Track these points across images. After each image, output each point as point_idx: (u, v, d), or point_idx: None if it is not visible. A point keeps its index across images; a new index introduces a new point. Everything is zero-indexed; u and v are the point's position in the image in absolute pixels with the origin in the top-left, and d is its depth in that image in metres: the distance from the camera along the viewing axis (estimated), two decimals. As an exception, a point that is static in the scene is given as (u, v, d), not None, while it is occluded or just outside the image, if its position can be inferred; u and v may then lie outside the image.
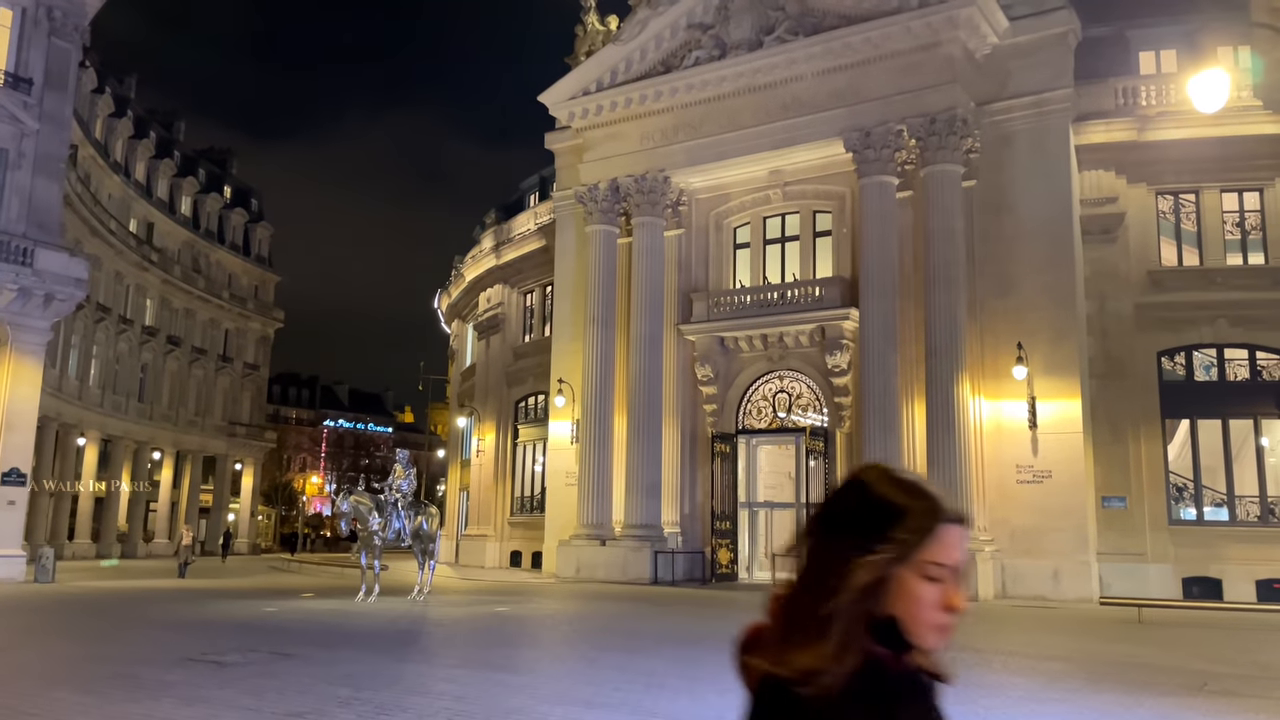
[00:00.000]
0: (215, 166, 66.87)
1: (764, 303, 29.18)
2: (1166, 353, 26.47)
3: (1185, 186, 26.85)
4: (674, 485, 30.10)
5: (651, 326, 29.98)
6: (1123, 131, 26.74)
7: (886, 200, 26.83)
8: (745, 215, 31.05)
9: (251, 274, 68.47)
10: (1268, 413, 25.76)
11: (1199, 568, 25.09)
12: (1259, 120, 25.80)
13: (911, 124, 26.38)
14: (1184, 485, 26.13)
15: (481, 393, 41.15)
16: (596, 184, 31.30)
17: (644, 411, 29.54)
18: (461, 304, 46.28)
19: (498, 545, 38.43)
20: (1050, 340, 25.48)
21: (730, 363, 30.16)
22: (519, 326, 39.87)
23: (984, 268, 26.42)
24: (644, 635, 14.81)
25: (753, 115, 29.00)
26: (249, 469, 67.98)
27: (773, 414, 29.88)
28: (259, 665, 10.66)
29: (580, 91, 31.89)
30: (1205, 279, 26.28)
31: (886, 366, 26.02)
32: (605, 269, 31.06)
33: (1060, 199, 26.09)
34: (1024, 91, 26.68)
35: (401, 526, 18.77)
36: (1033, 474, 25.44)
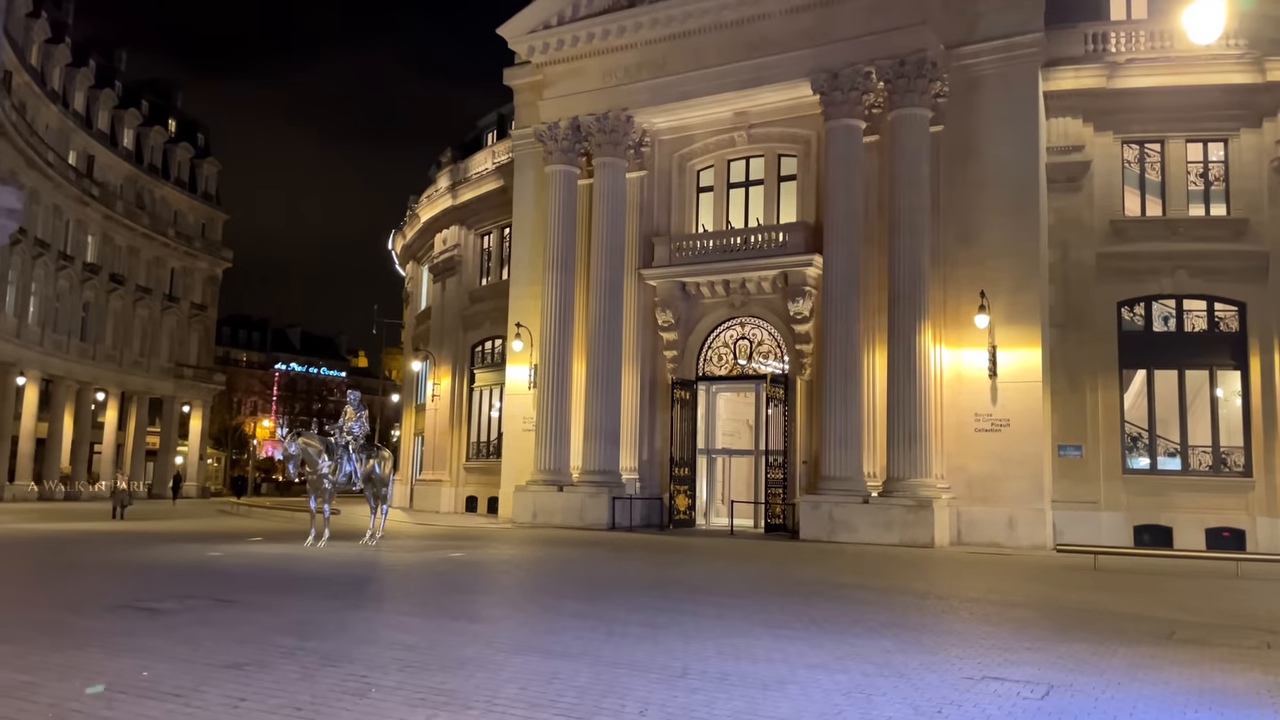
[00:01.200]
0: (159, 99, 64.30)
1: (727, 248, 28.68)
2: (1126, 303, 26.48)
3: (1151, 136, 26.65)
4: (633, 431, 29.78)
5: (612, 271, 29.38)
6: (1091, 78, 26.40)
7: (853, 144, 26.33)
8: (709, 158, 30.38)
9: (198, 211, 66.39)
10: (1223, 364, 25.94)
11: (1150, 516, 25.38)
12: (1227, 69, 25.60)
13: (880, 66, 25.81)
14: (1138, 435, 26.32)
15: (437, 336, 40.36)
16: (557, 122, 30.38)
17: (603, 357, 29.06)
18: (417, 246, 45.19)
19: (453, 490, 37.99)
20: (1012, 289, 25.37)
21: (692, 309, 29.71)
22: (476, 269, 39.00)
23: (948, 215, 26.14)
24: (603, 581, 14.49)
25: (719, 54, 28.20)
26: (197, 412, 66.57)
27: (733, 361, 29.56)
28: (197, 613, 10.13)
29: (541, 25, 30.79)
30: (1168, 229, 26.23)
31: (849, 314, 25.74)
32: (565, 211, 30.29)
33: (1027, 146, 25.80)
34: (994, 35, 26.19)
35: (353, 470, 18.19)
36: (991, 422, 25.47)
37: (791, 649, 8.54)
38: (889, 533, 23.92)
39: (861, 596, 13.01)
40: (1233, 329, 25.94)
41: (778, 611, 10.97)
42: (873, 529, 24.14)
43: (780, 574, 16.16)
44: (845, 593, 13.42)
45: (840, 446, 25.26)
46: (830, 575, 15.88)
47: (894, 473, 24.76)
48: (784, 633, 9.41)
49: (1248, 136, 25.83)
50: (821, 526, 24.80)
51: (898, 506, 24.13)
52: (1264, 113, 25.50)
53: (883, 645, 8.85)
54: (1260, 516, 24.70)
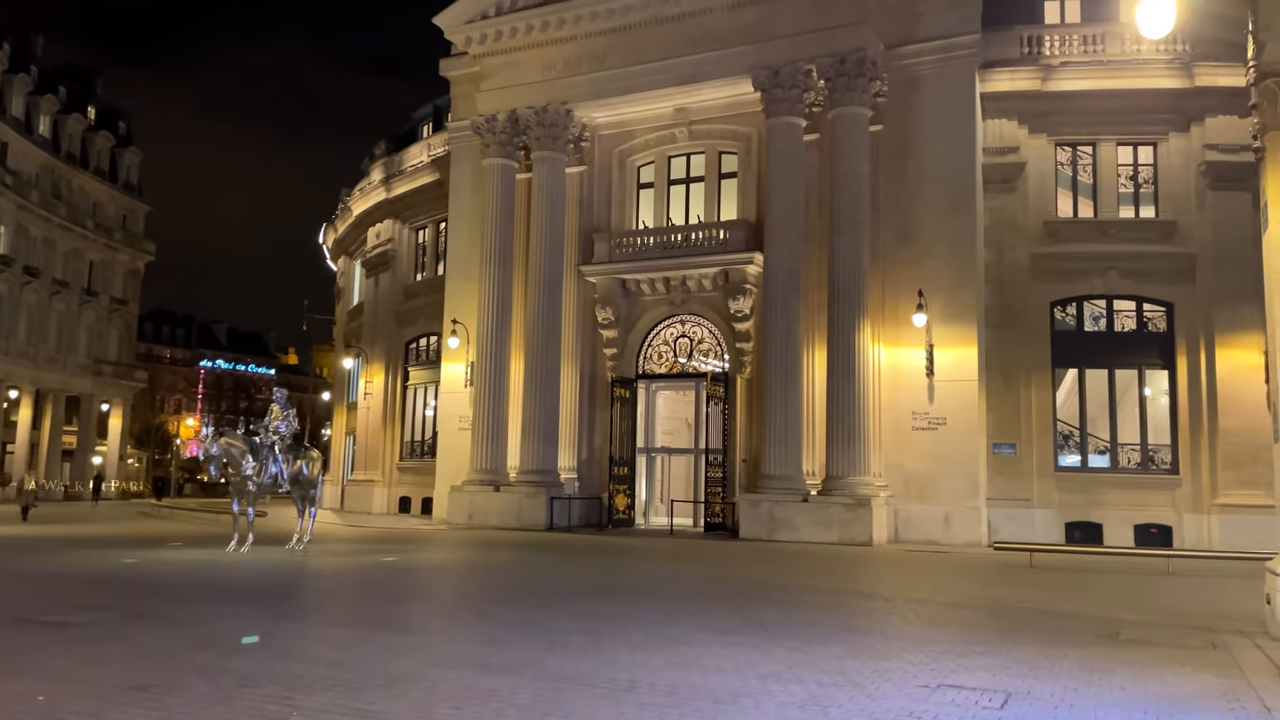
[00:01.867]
0: (78, 86, 61.77)
1: (667, 245, 28.40)
2: (1059, 303, 26.85)
3: (1084, 138, 27.07)
4: (571, 430, 29.33)
5: (551, 266, 28.89)
6: (1026, 80, 26.72)
7: (794, 142, 26.25)
8: (650, 154, 30.06)
9: (119, 202, 64.02)
10: (1151, 363, 26.46)
11: (1081, 513, 25.77)
12: (1157, 74, 26.11)
13: (821, 64, 25.77)
14: (1070, 433, 26.72)
15: (370, 333, 39.37)
16: (495, 115, 29.77)
17: (542, 354, 28.55)
18: (349, 240, 44.06)
19: (386, 491, 37.10)
20: (949, 288, 25.54)
21: (632, 306, 29.37)
22: (410, 264, 38.12)
23: (887, 214, 26.22)
24: (542, 587, 14.06)
25: (660, 48, 27.88)
26: (117, 410, 64.25)
27: (674, 359, 29.30)
28: (108, 626, 9.46)
29: (479, 15, 30.14)
30: (1099, 231, 26.66)
31: (789, 312, 25.65)
32: (503, 205, 29.70)
33: (964, 147, 26.00)
34: (933, 35, 26.33)
35: (279, 471, 17.41)
36: (928, 421, 25.62)
37: (742, 657, 8.23)
38: (828, 531, 23.88)
39: (808, 599, 12.79)
40: (1161, 329, 26.48)
41: (724, 616, 10.67)
42: (812, 527, 24.07)
43: (723, 575, 15.90)
44: (791, 595, 13.20)
45: (780, 445, 25.15)
46: (774, 576, 15.67)
47: (833, 471, 24.74)
48: (733, 640, 9.11)
49: (1176, 140, 26.38)
50: (761, 525, 24.67)
51: (837, 505, 24.11)
52: (1192, 117, 26.06)
53: (835, 652, 8.60)
54: (1186, 513, 25.24)
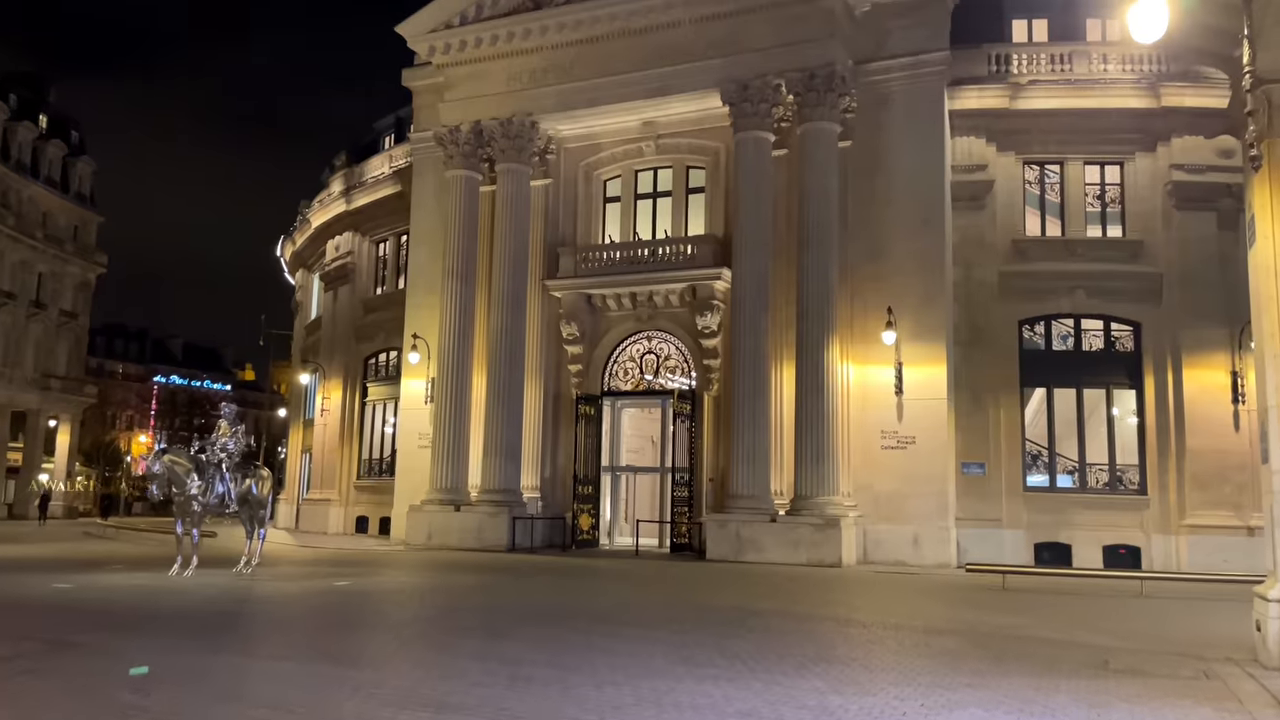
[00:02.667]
0: (30, 93, 60.11)
1: (634, 260, 27.92)
2: (1027, 321, 26.70)
3: (1051, 157, 27.04)
4: (535, 448, 28.66)
5: (515, 281, 28.26)
6: (994, 98, 26.65)
7: (762, 157, 25.93)
8: (616, 168, 29.61)
9: (70, 213, 62.31)
10: (1119, 383, 26.36)
11: (1050, 533, 25.54)
12: (1124, 94, 26.16)
13: (790, 78, 25.50)
14: (1038, 453, 26.52)
15: (328, 348, 38.43)
16: (458, 126, 29.16)
17: (505, 370, 27.87)
18: (307, 252, 43.12)
19: (342, 510, 36.10)
20: (918, 306, 25.29)
21: (597, 322, 28.81)
22: (370, 277, 37.30)
23: (856, 231, 25.95)
24: (504, 612, 13.39)
25: (627, 61, 27.47)
26: (65, 426, 62.32)
27: (640, 376, 28.76)
28: (28, 660, 8.67)
29: (443, 24, 29.55)
30: (1066, 250, 26.59)
31: (757, 328, 25.25)
32: (466, 218, 29.06)
33: (933, 164, 25.84)
34: (901, 52, 26.20)
35: (226, 491, 16.54)
36: (897, 440, 25.29)
37: (718, 692, 7.66)
38: (797, 552, 23.40)
39: (781, 625, 12.25)
40: (1128, 349, 26.41)
41: (696, 646, 10.09)
42: (780, 548, 23.58)
43: (692, 599, 15.33)
44: (764, 621, 12.65)
45: (748, 464, 24.67)
46: (744, 600, 15.12)
47: (802, 491, 24.29)
48: (707, 672, 8.53)
49: (1143, 160, 26.41)
50: (729, 546, 24.14)
51: (805, 525, 23.65)
52: (1158, 137, 26.11)
53: (815, 685, 8.06)
54: (1155, 534, 25.10)
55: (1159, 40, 24.66)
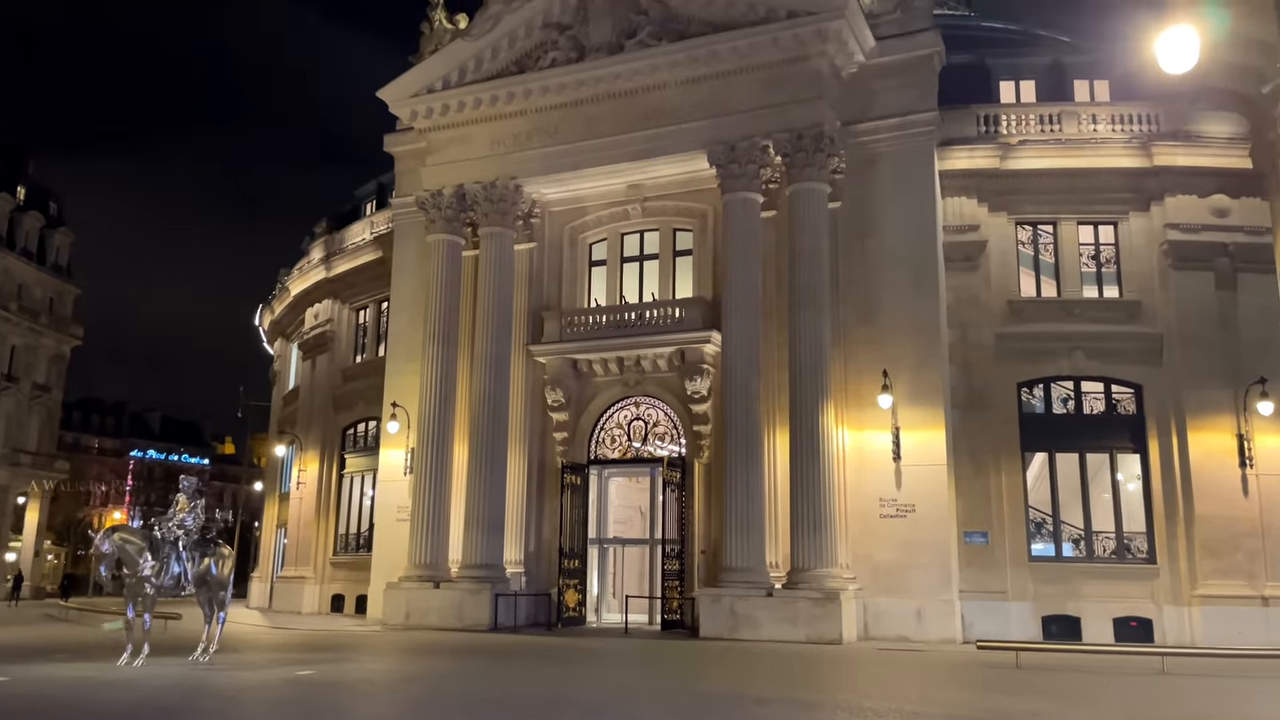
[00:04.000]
0: (9, 164, 59.59)
1: (620, 323, 27.14)
2: (1026, 384, 26.01)
3: (1044, 217, 26.65)
4: (518, 520, 27.45)
5: (498, 346, 27.38)
6: (985, 159, 26.33)
7: (751, 217, 25.37)
8: (602, 231, 29.02)
9: (46, 285, 61.35)
10: (1122, 447, 25.56)
11: (1058, 605, 24.48)
12: (1115, 153, 25.91)
13: (778, 139, 25.07)
14: (1042, 520, 25.57)
15: (305, 418, 37.28)
16: (441, 190, 28.57)
17: (488, 439, 26.81)
18: (286, 321, 42.22)
19: (317, 588, 34.57)
20: (913, 368, 24.51)
21: (583, 387, 27.89)
22: (349, 345, 36.36)
23: (848, 292, 25.30)
24: (484, 702, 12.17)
25: (612, 123, 27.05)
26: (35, 503, 60.49)
27: (628, 443, 27.74)
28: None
29: (425, 89, 29.16)
30: (1063, 310, 26.04)
31: (749, 393, 24.37)
32: (448, 282, 28.29)
33: (925, 224, 25.31)
34: (889, 113, 25.87)
35: (182, 571, 15.27)
36: (896, 508, 24.28)
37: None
38: (795, 628, 22.19)
39: (789, 715, 11.11)
40: (1130, 411, 25.70)
41: (697, 743, 8.96)
42: (777, 624, 22.37)
43: (689, 685, 14.13)
44: (769, 711, 11.50)
45: (741, 534, 23.57)
46: (744, 685, 13.94)
47: (798, 563, 23.17)
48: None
49: (1137, 220, 26.04)
50: (723, 623, 22.89)
51: (804, 599, 22.47)
52: (1152, 196, 25.79)
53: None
54: (1166, 604, 24.10)
55: (1154, 92, 24.41)
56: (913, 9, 26.24)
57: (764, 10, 25.41)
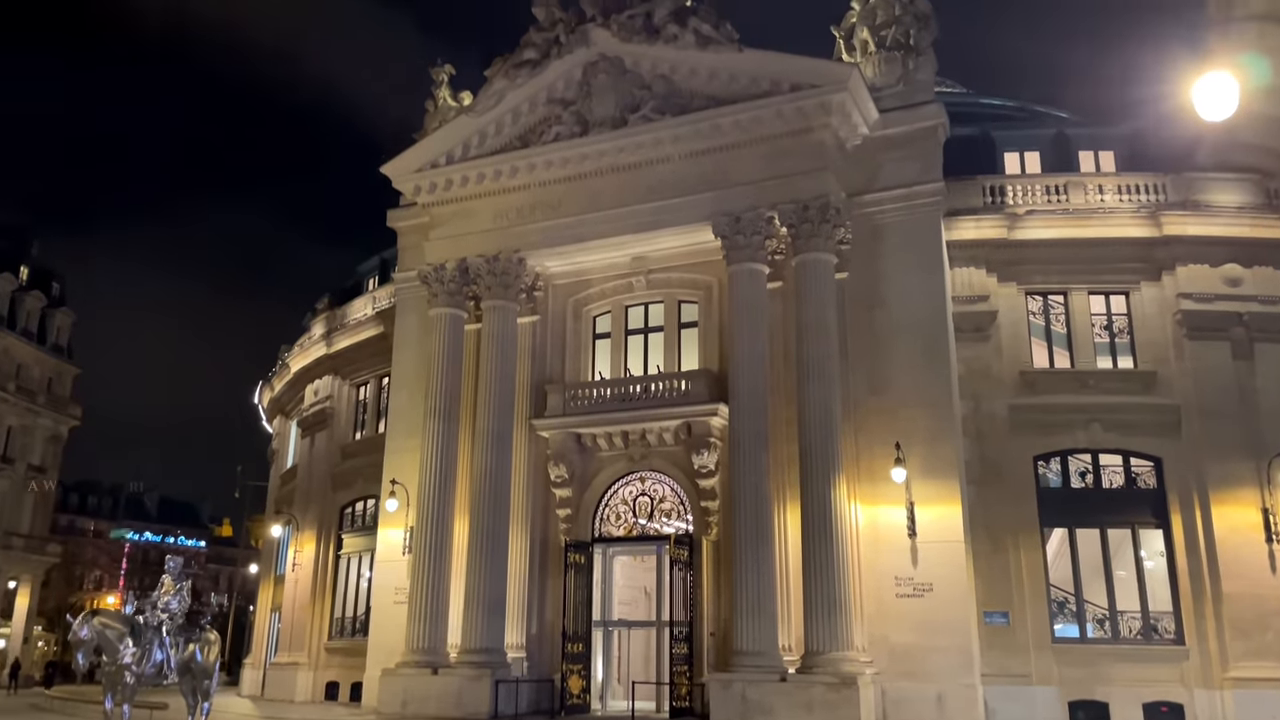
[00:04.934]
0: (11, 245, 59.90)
1: (625, 396, 26.58)
2: (1042, 457, 25.36)
3: (1054, 287, 26.36)
4: (520, 601, 26.49)
5: (500, 421, 26.78)
6: (992, 229, 26.13)
7: (757, 288, 25.02)
8: (606, 303, 28.67)
9: (45, 365, 61.10)
10: (1144, 522, 24.80)
11: (1084, 690, 23.44)
12: (1124, 223, 25.73)
13: (783, 210, 24.85)
14: (1064, 600, 24.64)
15: (303, 497, 36.48)
16: (443, 264, 28.32)
17: (489, 516, 26.01)
18: (285, 398, 41.70)
19: (311, 675, 33.31)
20: (927, 441, 23.82)
21: (587, 462, 27.21)
22: (349, 422, 35.76)
23: (856, 364, 24.80)
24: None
25: (616, 196, 26.91)
26: (25, 587, 59.18)
27: (633, 520, 26.94)
28: None
29: (428, 164, 29.14)
30: (1077, 381, 25.53)
31: (758, 467, 23.66)
32: (450, 356, 27.82)
33: (934, 294, 24.95)
34: (895, 184, 25.71)
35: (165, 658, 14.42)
36: (913, 587, 23.35)
37: None
38: (810, 715, 21.08)
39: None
40: (1151, 485, 25.01)
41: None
42: (792, 711, 21.27)
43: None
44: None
45: (752, 616, 22.61)
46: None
47: (813, 645, 22.16)
48: None
49: (1149, 290, 25.73)
50: (734, 709, 21.78)
51: (819, 684, 21.40)
52: (1163, 266, 25.51)
53: None
54: (1197, 688, 23.07)
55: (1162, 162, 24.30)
56: (915, 82, 26.32)
57: (766, 84, 25.46)
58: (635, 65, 27.14)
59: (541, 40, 28.14)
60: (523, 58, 28.18)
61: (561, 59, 27.79)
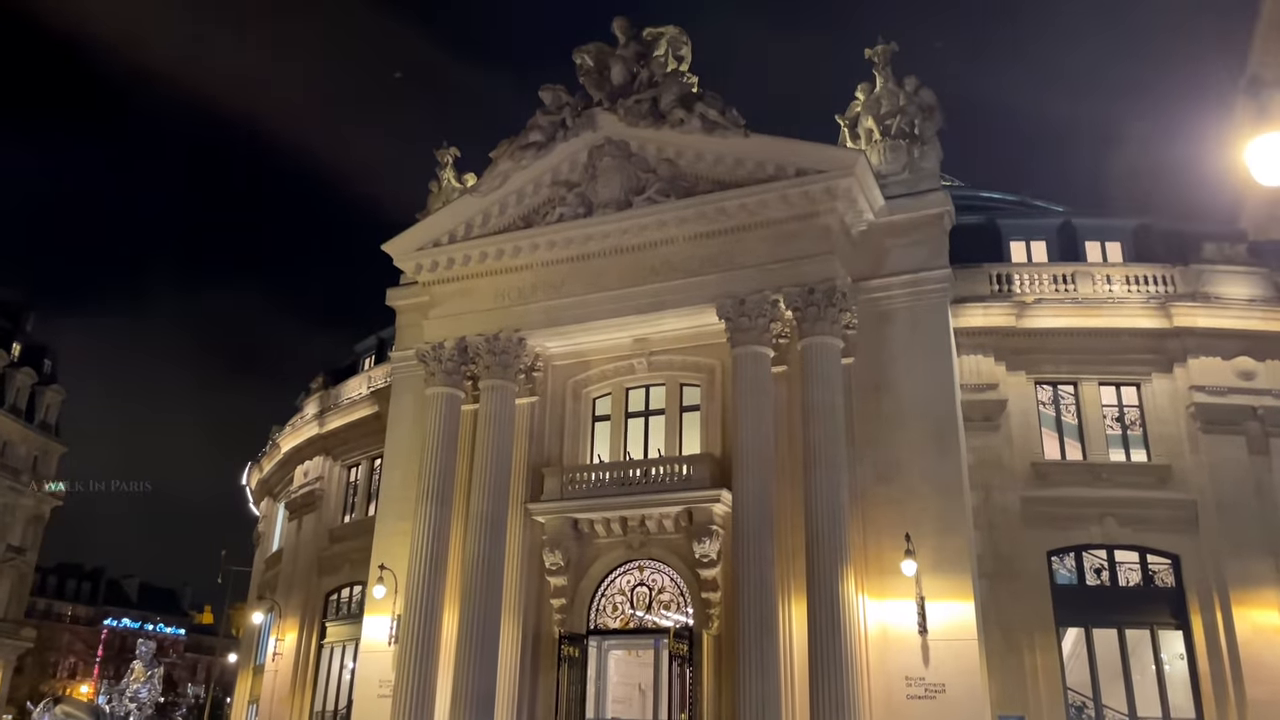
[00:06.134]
0: (6, 321, 59.57)
1: (625, 481, 25.78)
2: (1056, 552, 24.51)
3: (1064, 377, 25.90)
4: (510, 697, 25.16)
5: (495, 505, 25.89)
6: (1000, 316, 25.80)
7: (762, 371, 24.49)
8: (606, 385, 28.10)
9: (31, 442, 60.06)
10: (1163, 622, 23.83)
11: (1108, 802, 22.09)
12: (1134, 313, 25.43)
13: (788, 293, 24.50)
14: (1083, 704, 23.46)
15: (286, 583, 35.24)
16: (442, 342, 27.82)
17: (480, 605, 24.90)
18: (274, 479, 40.73)
19: (287, 773, 31.61)
20: (937, 533, 22.97)
21: (584, 550, 26.24)
22: (339, 504, 34.78)
23: (863, 451, 24.10)
24: None
25: (619, 277, 26.59)
26: (-5, 674, 56.92)
27: (630, 612, 25.83)
28: None
29: (430, 242, 28.89)
30: (1090, 474, 24.86)
31: (763, 557, 22.74)
32: (445, 437, 27.09)
33: (942, 381, 24.39)
34: (901, 270, 25.44)
35: (130, 752, 13.40)
36: (924, 688, 22.19)
37: None
38: (817, 826, 19.75)
39: None
40: (1169, 584, 24.12)
41: None
42: (797, 821, 19.94)
43: None
44: None
45: (757, 717, 21.39)
46: None
47: (819, 750, 20.92)
48: None
49: (1160, 381, 25.28)
50: (736, 818, 20.44)
51: (827, 793, 20.11)
52: (1174, 358, 25.11)
53: None
54: (1227, 802, 21.72)
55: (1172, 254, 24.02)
56: (920, 170, 26.32)
57: (772, 168, 25.40)
58: (641, 149, 27.14)
59: (547, 123, 28.21)
60: (528, 140, 28.22)
61: (567, 141, 27.81)
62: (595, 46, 28.05)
